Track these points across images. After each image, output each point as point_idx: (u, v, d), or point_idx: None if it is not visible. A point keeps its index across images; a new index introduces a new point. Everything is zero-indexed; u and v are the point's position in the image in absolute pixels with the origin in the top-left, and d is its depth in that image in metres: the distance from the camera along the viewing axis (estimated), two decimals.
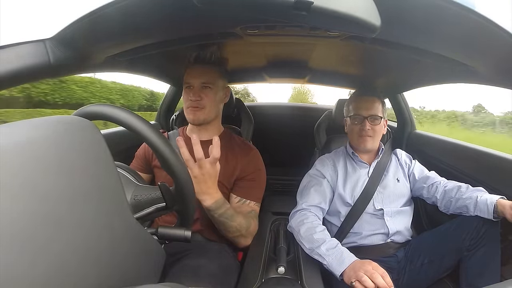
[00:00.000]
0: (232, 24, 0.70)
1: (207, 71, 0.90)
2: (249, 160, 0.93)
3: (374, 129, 0.99)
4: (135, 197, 0.50)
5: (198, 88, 0.89)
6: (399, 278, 0.88)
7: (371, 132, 0.99)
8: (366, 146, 1.01)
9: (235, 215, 0.81)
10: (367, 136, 0.99)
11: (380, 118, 0.99)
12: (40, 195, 0.26)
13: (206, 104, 0.89)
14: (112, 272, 0.33)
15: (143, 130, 0.45)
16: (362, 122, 0.99)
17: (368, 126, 0.98)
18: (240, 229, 0.82)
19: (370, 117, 0.98)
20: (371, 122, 0.98)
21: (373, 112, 0.99)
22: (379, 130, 1.00)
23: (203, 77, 0.89)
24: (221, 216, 0.78)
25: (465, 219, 0.82)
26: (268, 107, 2.00)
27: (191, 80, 0.89)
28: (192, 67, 0.91)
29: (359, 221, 0.95)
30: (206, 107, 0.89)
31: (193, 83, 0.89)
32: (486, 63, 0.65)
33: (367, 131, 0.98)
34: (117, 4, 0.50)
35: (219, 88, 0.92)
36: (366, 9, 0.39)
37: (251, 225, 0.85)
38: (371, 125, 0.98)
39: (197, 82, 0.89)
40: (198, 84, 0.89)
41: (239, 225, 0.81)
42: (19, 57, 0.53)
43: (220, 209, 0.77)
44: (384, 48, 0.72)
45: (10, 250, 0.23)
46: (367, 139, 0.99)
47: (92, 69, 0.76)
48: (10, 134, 0.28)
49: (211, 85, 0.89)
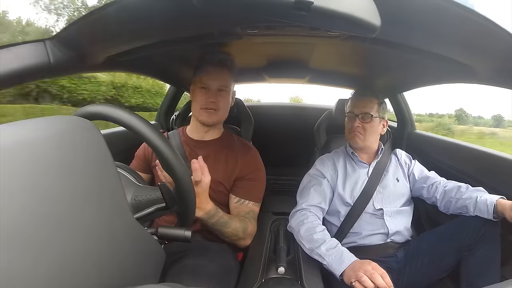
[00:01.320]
0: (232, 24, 0.70)
1: (224, 74, 0.91)
2: (248, 160, 0.93)
3: (364, 127, 1.00)
4: (135, 197, 0.50)
5: (215, 90, 0.90)
6: (399, 278, 0.88)
7: (361, 129, 1.00)
8: (355, 143, 1.02)
9: (229, 221, 0.81)
10: (356, 133, 1.00)
11: (371, 117, 0.99)
12: (40, 195, 0.26)
13: (221, 106, 0.91)
14: (112, 272, 0.33)
15: (143, 130, 0.45)
16: (354, 119, 1.01)
17: (357, 123, 0.99)
18: (236, 233, 0.83)
19: (361, 114, 1.00)
20: (362, 119, 0.99)
21: (365, 110, 1.00)
22: (370, 128, 1.00)
23: (221, 80, 0.90)
24: (215, 225, 0.79)
25: (465, 219, 0.82)
26: (268, 107, 2.00)
27: (209, 82, 0.90)
28: (212, 69, 0.91)
29: (359, 221, 0.95)
30: (221, 110, 0.91)
31: (211, 85, 0.90)
32: (486, 63, 0.65)
33: (356, 127, 1.00)
34: (117, 4, 0.50)
35: (231, 92, 0.95)
36: (366, 9, 0.39)
37: (248, 227, 0.86)
38: (361, 122, 0.99)
39: (215, 84, 0.90)
40: (215, 87, 0.90)
41: (235, 229, 0.82)
42: (19, 57, 0.53)
43: (212, 218, 0.78)
44: (384, 48, 0.72)
45: (11, 250, 0.23)
46: (357, 135, 1.00)
47: (92, 69, 0.76)
48: (10, 134, 0.28)
49: (226, 88, 0.91)
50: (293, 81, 1.78)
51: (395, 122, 1.57)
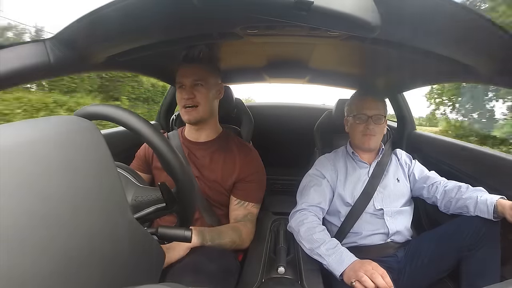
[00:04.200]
0: (232, 24, 0.70)
1: (197, 69, 0.89)
2: (248, 161, 0.93)
3: (378, 128, 1.00)
4: (136, 198, 0.50)
5: (190, 86, 0.88)
6: (399, 278, 0.88)
7: (375, 131, 0.99)
8: (370, 145, 1.01)
9: (222, 235, 0.81)
10: (371, 135, 0.99)
11: (384, 118, 1.00)
12: (40, 195, 0.26)
13: (199, 101, 0.88)
14: (112, 272, 0.33)
15: (143, 130, 0.45)
16: (366, 121, 0.99)
17: (372, 125, 0.99)
18: (233, 242, 0.83)
19: (374, 116, 0.99)
20: (375, 121, 0.99)
21: (377, 111, 0.99)
22: (382, 129, 1.01)
23: (194, 75, 0.89)
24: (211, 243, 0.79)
25: (465, 219, 0.82)
26: (268, 107, 2.00)
27: (183, 79, 0.89)
28: (183, 66, 0.90)
29: (359, 221, 0.95)
30: (200, 105, 0.89)
31: (185, 82, 0.89)
32: (486, 63, 0.65)
33: (371, 130, 0.99)
34: (117, 4, 0.50)
35: (211, 85, 0.92)
36: (366, 9, 0.39)
37: (242, 233, 0.86)
38: (375, 124, 0.99)
39: (188, 80, 0.88)
40: (189, 83, 0.88)
41: (231, 241, 0.82)
42: (19, 57, 0.53)
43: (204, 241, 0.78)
44: (384, 48, 0.72)
45: (11, 249, 0.23)
46: (371, 138, 1.00)
47: (92, 69, 0.76)
48: (11, 134, 0.28)
49: (202, 82, 0.89)
50: (293, 81, 1.78)
51: (395, 122, 1.57)
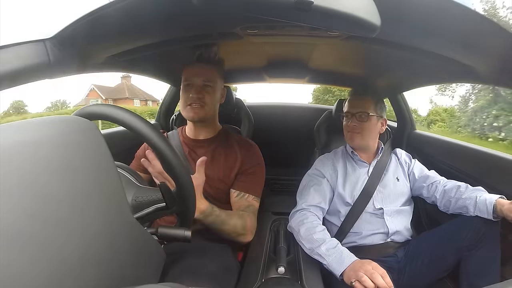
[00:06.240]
0: (232, 24, 0.70)
1: (208, 70, 0.90)
2: (250, 154, 0.94)
3: (362, 126, 0.99)
4: (136, 198, 0.50)
5: (200, 86, 0.89)
6: (399, 278, 0.88)
7: (358, 128, 1.00)
8: (353, 142, 1.02)
9: (227, 219, 0.81)
10: (354, 133, 1.00)
11: (368, 115, 0.99)
12: (40, 194, 0.26)
13: (207, 102, 0.89)
14: (112, 272, 0.33)
15: (143, 130, 0.45)
16: (351, 119, 1.01)
17: (354, 122, 0.99)
18: (235, 230, 0.83)
19: (358, 113, 1.00)
20: (358, 118, 0.99)
21: (361, 109, 0.99)
22: (367, 127, 1.00)
23: (205, 75, 0.89)
24: (212, 224, 0.79)
25: (465, 219, 0.82)
26: (268, 107, 2.00)
27: (193, 78, 0.89)
28: (194, 65, 0.91)
29: (359, 220, 0.95)
30: (207, 105, 0.89)
31: (195, 81, 0.89)
32: (486, 63, 0.65)
33: (353, 127, 1.00)
34: (117, 4, 0.50)
35: (218, 88, 0.93)
36: (366, 9, 0.39)
37: (247, 223, 0.86)
38: (358, 121, 0.99)
39: (199, 80, 0.89)
40: (199, 83, 0.89)
41: (234, 227, 0.82)
42: (19, 57, 0.53)
43: (208, 217, 0.77)
44: (384, 48, 0.72)
45: (11, 249, 0.23)
46: (355, 135, 1.00)
47: (92, 69, 0.76)
48: (11, 134, 0.28)
49: (212, 83, 0.90)
50: (293, 81, 1.78)
51: (395, 122, 1.57)
